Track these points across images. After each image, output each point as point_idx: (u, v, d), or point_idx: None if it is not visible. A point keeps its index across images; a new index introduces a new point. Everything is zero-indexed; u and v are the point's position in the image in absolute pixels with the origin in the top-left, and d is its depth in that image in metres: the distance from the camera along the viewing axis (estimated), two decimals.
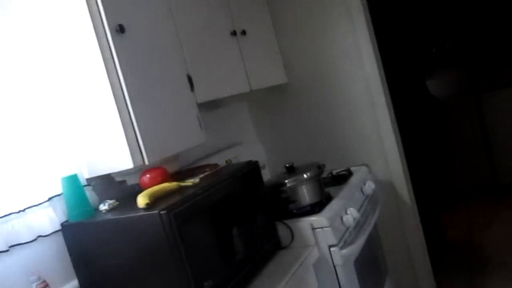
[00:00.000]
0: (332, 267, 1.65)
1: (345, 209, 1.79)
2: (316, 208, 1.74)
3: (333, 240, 1.64)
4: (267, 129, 2.69)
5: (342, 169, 2.26)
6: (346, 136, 2.47)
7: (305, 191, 1.78)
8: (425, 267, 2.44)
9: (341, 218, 1.74)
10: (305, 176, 1.78)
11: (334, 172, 2.27)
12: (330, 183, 2.11)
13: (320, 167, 1.85)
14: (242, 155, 2.32)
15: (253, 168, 1.64)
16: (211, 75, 1.81)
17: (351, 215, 1.77)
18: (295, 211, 1.77)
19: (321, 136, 2.54)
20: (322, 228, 1.64)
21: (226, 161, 2.19)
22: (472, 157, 4.01)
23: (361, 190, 2.06)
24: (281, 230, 1.69)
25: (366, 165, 2.43)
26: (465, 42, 4.42)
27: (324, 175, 2.29)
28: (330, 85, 2.44)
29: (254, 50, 2.18)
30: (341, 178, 2.13)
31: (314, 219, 1.66)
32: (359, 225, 1.88)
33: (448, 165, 3.92)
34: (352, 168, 2.29)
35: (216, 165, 1.72)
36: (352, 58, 2.35)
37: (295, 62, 2.50)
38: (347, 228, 1.76)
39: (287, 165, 1.87)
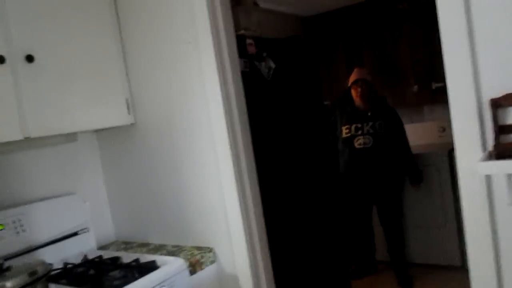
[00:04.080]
0: None
1: None
2: None
3: None
4: (111, 182, 1.97)
5: (150, 259, 1.48)
6: (190, 205, 1.72)
7: None
8: None
9: None
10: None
11: (141, 261, 1.50)
12: (113, 279, 1.34)
13: (35, 273, 1.10)
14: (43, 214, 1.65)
15: None
16: None
17: None
18: None
19: (165, 200, 1.81)
20: None
21: None
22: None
23: None
24: None
25: (210, 250, 1.66)
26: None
27: (127, 260, 1.53)
28: (176, 132, 1.72)
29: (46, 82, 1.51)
30: (128, 276, 1.36)
31: None
32: None
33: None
34: (166, 258, 1.52)
35: None
36: (199, 98, 1.62)
37: (141, 102, 1.79)
38: None
39: None
